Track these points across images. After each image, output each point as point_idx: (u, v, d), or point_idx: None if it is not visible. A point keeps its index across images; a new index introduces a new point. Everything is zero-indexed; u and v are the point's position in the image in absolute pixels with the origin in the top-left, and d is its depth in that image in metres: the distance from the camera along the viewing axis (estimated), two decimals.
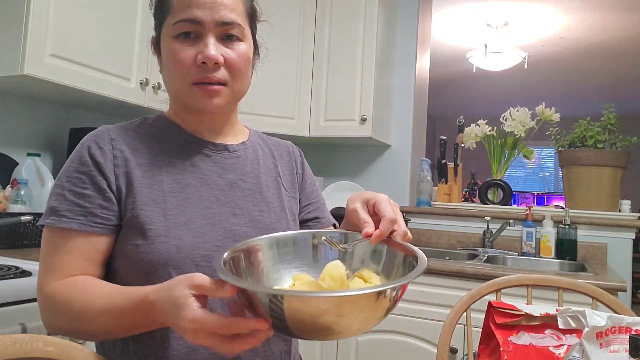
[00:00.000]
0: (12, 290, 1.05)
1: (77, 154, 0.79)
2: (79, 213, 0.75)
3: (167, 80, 0.83)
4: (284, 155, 0.98)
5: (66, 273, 0.74)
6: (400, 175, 2.78)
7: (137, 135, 0.83)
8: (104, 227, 0.76)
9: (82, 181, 0.77)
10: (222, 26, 0.78)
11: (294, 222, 0.92)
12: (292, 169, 0.97)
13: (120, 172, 0.78)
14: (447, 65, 5.16)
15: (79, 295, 0.70)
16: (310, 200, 0.98)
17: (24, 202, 1.64)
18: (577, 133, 2.46)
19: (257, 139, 0.96)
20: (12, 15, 1.46)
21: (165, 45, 0.80)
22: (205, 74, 0.78)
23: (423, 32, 2.96)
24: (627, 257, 2.32)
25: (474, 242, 2.57)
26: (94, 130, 0.83)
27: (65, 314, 0.71)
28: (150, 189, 0.78)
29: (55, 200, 0.77)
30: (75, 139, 1.86)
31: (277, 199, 0.90)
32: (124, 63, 1.77)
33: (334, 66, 2.53)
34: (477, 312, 1.41)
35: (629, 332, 0.85)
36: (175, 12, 0.78)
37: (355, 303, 0.55)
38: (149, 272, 0.74)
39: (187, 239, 0.76)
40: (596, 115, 2.66)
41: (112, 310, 0.67)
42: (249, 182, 0.87)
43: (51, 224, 0.75)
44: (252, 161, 0.90)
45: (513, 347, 0.99)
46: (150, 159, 0.81)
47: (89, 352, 0.69)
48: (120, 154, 0.79)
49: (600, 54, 4.64)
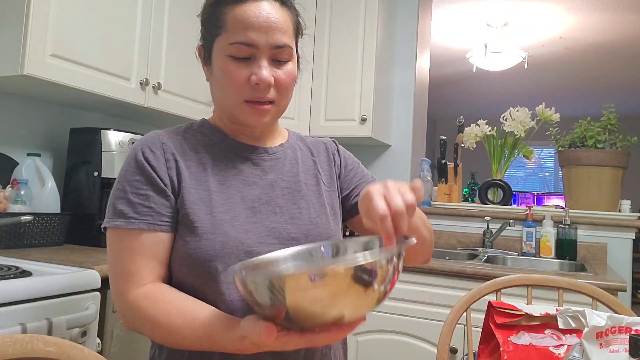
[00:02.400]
0: (12, 290, 1.05)
1: (132, 159, 0.84)
2: (147, 213, 0.81)
3: (218, 93, 0.87)
4: (322, 151, 1.02)
5: (142, 278, 0.79)
6: (400, 175, 2.78)
7: (184, 140, 0.88)
8: (169, 224, 0.82)
9: (143, 183, 0.82)
10: (275, 49, 0.82)
11: (333, 215, 0.95)
12: (330, 162, 1.01)
13: (173, 173, 0.84)
14: (447, 65, 5.15)
15: (164, 317, 0.75)
16: (355, 184, 1.01)
17: (24, 202, 1.64)
18: (577, 133, 2.46)
19: (296, 140, 1.01)
20: (12, 15, 1.46)
21: (218, 62, 0.84)
22: (257, 94, 0.83)
23: (423, 32, 2.96)
24: (627, 257, 2.33)
25: (474, 242, 2.57)
26: (144, 136, 0.87)
27: (151, 329, 0.76)
28: (197, 189, 0.83)
29: (120, 203, 0.81)
30: (76, 139, 1.86)
31: (316, 195, 0.94)
32: (124, 63, 1.77)
33: (334, 66, 2.53)
34: (477, 312, 1.41)
35: (629, 332, 0.85)
36: (230, 32, 0.82)
37: (344, 275, 0.56)
38: (197, 266, 0.80)
39: (231, 236, 0.81)
40: (596, 115, 2.66)
41: (200, 339, 0.72)
42: (288, 182, 0.91)
43: (121, 225, 0.80)
44: (290, 161, 0.95)
45: (513, 347, 0.99)
46: (196, 162, 0.86)
47: (89, 352, 0.69)
48: (171, 157, 0.84)
49: (600, 54, 4.64)
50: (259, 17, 0.81)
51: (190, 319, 0.73)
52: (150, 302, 0.77)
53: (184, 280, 0.82)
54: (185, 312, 0.74)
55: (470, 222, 2.60)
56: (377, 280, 0.59)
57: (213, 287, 0.79)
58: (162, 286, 0.80)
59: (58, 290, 1.14)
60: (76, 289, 1.19)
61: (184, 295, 0.78)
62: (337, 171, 1.02)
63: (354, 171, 1.03)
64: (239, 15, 0.81)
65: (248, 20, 0.81)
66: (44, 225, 1.67)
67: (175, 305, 0.76)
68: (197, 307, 0.75)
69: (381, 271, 0.59)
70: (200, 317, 0.73)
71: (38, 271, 1.23)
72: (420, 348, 1.94)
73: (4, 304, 1.03)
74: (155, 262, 0.80)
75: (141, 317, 0.77)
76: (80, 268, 1.29)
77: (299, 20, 0.90)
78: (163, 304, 0.76)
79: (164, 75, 1.92)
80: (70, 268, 1.29)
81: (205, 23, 0.87)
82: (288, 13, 0.85)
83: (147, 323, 0.76)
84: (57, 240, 1.72)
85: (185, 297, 0.78)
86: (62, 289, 1.15)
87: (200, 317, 0.73)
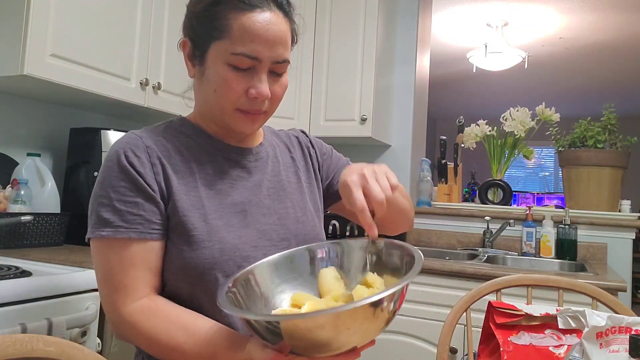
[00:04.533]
0: (12, 290, 1.05)
1: (114, 163, 0.79)
2: (136, 221, 0.77)
3: (208, 96, 0.83)
4: (296, 146, 1.01)
5: (137, 291, 0.76)
6: (400, 175, 2.78)
7: (167, 142, 0.85)
8: (160, 232, 0.79)
9: (130, 190, 0.78)
10: (275, 64, 0.81)
11: (317, 212, 0.96)
12: (305, 157, 1.01)
13: (161, 179, 0.80)
14: (447, 65, 5.15)
15: (163, 333, 0.73)
16: (333, 171, 1.02)
17: (24, 202, 1.64)
18: (577, 133, 2.46)
19: (271, 136, 0.99)
20: (12, 15, 1.46)
21: (216, 67, 0.80)
22: (254, 107, 0.82)
23: (423, 32, 2.96)
24: (627, 257, 2.33)
25: (474, 242, 2.57)
26: (124, 137, 0.83)
27: (148, 345, 0.75)
28: (188, 195, 0.81)
29: (105, 211, 0.77)
30: (76, 139, 1.86)
31: (298, 192, 0.94)
32: (124, 63, 1.77)
33: (334, 66, 2.53)
34: (477, 312, 1.41)
35: (629, 332, 0.85)
36: (234, 41, 0.78)
37: (352, 316, 0.55)
38: (195, 274, 0.78)
39: (228, 242, 0.79)
40: (596, 115, 2.66)
41: (201, 355, 0.71)
42: (272, 181, 0.91)
43: (108, 235, 0.76)
44: (272, 160, 0.94)
45: (513, 347, 0.99)
46: (183, 166, 0.83)
47: (89, 352, 0.69)
48: (157, 162, 0.81)
49: (600, 54, 4.64)
50: (267, 30, 0.78)
51: (191, 334, 0.72)
52: (146, 317, 0.74)
53: (179, 288, 0.80)
54: (186, 327, 0.73)
55: (470, 222, 2.59)
56: (384, 307, 0.58)
57: (211, 295, 0.78)
58: (158, 300, 0.78)
59: (58, 290, 1.14)
60: (76, 289, 1.19)
61: (182, 309, 0.76)
62: (315, 165, 1.01)
63: (329, 158, 1.04)
64: (247, 25, 0.77)
65: (256, 32, 0.77)
66: (43, 225, 1.67)
67: (174, 319, 0.74)
68: (198, 322, 0.74)
69: (389, 299, 0.58)
70: (202, 332, 0.71)
71: (38, 271, 1.23)
72: (420, 348, 1.94)
73: (4, 304, 1.03)
74: (148, 272, 0.78)
75: (137, 332, 0.75)
76: (80, 268, 1.29)
77: (295, 28, 0.88)
78: (161, 320, 0.74)
79: (164, 75, 1.92)
80: (70, 268, 1.29)
81: (202, 20, 0.81)
82: (289, 24, 0.83)
83: (143, 339, 0.74)
84: (57, 240, 1.72)
85: (184, 311, 0.76)
86: (62, 289, 1.15)
87: (202, 333, 0.71)
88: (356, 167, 0.77)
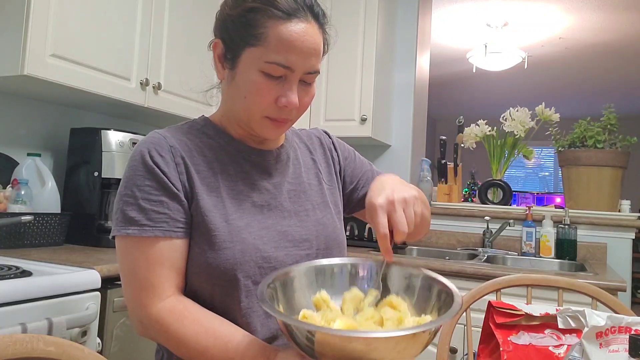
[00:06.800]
0: (12, 290, 1.05)
1: (139, 162, 0.80)
2: (162, 220, 0.78)
3: (237, 100, 0.83)
4: (318, 148, 1.02)
5: (164, 290, 0.77)
6: (400, 175, 2.73)
7: (190, 142, 0.85)
8: (184, 231, 0.80)
9: (155, 189, 0.79)
10: (307, 74, 0.81)
11: (337, 213, 0.96)
12: (327, 159, 1.01)
13: (184, 178, 0.81)
14: (447, 65, 5.15)
15: (192, 336, 0.74)
16: (357, 176, 1.03)
17: (24, 202, 1.64)
18: (577, 133, 2.46)
19: (292, 137, 1.00)
20: (12, 16, 1.46)
21: (249, 73, 0.79)
22: (282, 115, 0.82)
23: (423, 32, 2.96)
24: (627, 257, 2.33)
25: (474, 242, 2.57)
26: (148, 137, 0.83)
27: (176, 346, 0.75)
28: (210, 196, 0.81)
29: (130, 210, 0.78)
30: (76, 139, 1.86)
31: (319, 194, 0.94)
32: (124, 63, 1.77)
33: (333, 66, 2.53)
34: (477, 312, 1.41)
35: (628, 332, 0.85)
36: (270, 49, 0.77)
37: (386, 342, 0.56)
38: (216, 275, 0.78)
39: (249, 243, 0.80)
40: (596, 115, 2.66)
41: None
42: (293, 183, 0.91)
43: (134, 234, 0.77)
44: (293, 161, 0.94)
45: (513, 347, 0.99)
46: (205, 167, 0.84)
47: (89, 351, 0.69)
48: (180, 161, 0.82)
49: (600, 54, 4.64)
50: (303, 42, 0.78)
51: (222, 342, 0.72)
52: (176, 318, 0.75)
53: (200, 287, 0.80)
54: (216, 334, 0.73)
55: (470, 222, 2.60)
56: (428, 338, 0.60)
57: (232, 295, 0.79)
58: (186, 302, 0.78)
59: (58, 290, 1.15)
60: (76, 289, 1.19)
61: (210, 313, 0.77)
62: (337, 167, 1.01)
63: (353, 162, 1.04)
64: (285, 35, 0.77)
65: (293, 43, 0.77)
66: (44, 225, 1.67)
67: (204, 324, 0.75)
68: (227, 330, 0.74)
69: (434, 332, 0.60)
70: (233, 341, 0.72)
71: (38, 271, 1.23)
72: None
73: (4, 303, 1.03)
74: (173, 271, 0.78)
75: (166, 332, 0.75)
76: (80, 268, 1.29)
77: (327, 38, 0.87)
78: (190, 323, 0.75)
79: (164, 75, 1.92)
80: (70, 268, 1.30)
81: (237, 25, 0.80)
82: (322, 35, 0.83)
83: (172, 339, 0.75)
84: (57, 240, 1.72)
85: (214, 317, 0.77)
86: (62, 289, 1.15)
87: (234, 342, 0.72)
88: (387, 186, 0.77)
